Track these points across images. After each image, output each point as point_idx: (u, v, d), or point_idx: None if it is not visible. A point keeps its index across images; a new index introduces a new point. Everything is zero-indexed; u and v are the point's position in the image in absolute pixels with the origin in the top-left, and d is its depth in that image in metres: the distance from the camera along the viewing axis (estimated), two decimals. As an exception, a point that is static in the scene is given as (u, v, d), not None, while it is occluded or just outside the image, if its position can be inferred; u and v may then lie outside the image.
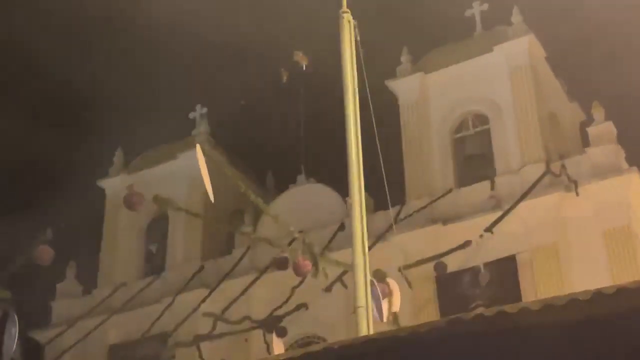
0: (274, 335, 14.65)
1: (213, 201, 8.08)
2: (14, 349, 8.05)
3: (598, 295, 5.04)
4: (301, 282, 16.37)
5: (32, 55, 29.83)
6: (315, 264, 11.31)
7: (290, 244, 12.71)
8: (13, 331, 7.82)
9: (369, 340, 5.67)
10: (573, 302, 5.06)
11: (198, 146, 7.96)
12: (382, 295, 9.20)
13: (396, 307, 9.99)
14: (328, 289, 18.35)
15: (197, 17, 27.91)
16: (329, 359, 5.78)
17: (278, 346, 14.16)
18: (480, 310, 5.41)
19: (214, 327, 20.05)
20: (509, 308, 5.24)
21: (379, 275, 9.47)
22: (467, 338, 5.32)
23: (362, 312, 8.31)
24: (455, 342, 5.38)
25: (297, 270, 11.49)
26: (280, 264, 11.96)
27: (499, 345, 5.37)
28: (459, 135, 23.16)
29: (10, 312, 7.78)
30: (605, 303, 5.04)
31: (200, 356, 20.42)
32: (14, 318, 7.83)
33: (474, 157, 22.79)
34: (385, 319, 9.39)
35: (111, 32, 30.59)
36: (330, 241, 21.06)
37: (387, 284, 9.61)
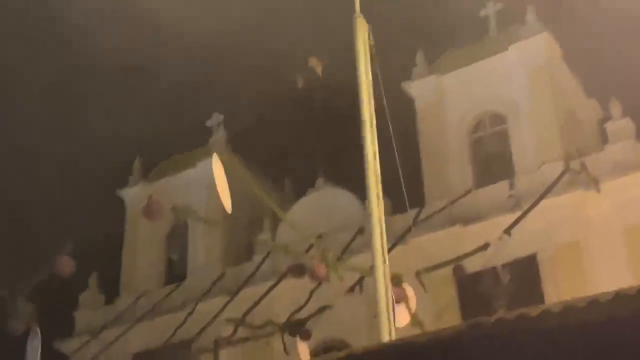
0: (297, 339, 14.51)
1: (230, 212, 8.03)
2: (37, 362, 8.13)
3: (619, 296, 5.04)
4: (318, 285, 16.36)
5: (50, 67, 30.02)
6: (329, 271, 11.24)
7: (308, 250, 12.66)
8: (36, 344, 7.90)
9: (390, 346, 5.69)
10: (594, 303, 5.06)
11: (215, 155, 7.93)
12: (398, 299, 9.14)
13: (412, 311, 9.92)
14: (350, 291, 18.31)
15: (212, 24, 27.99)
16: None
17: (303, 350, 14.04)
18: (500, 313, 5.41)
19: (234, 332, 20.03)
20: (530, 311, 5.24)
21: (395, 280, 9.40)
22: (488, 342, 5.33)
23: (383, 316, 8.28)
24: (477, 346, 5.38)
25: (312, 277, 11.43)
26: (297, 271, 11.87)
27: (520, 348, 5.38)
28: (476, 135, 23.12)
29: (33, 326, 7.85)
30: (626, 304, 5.04)
31: None
32: (37, 332, 7.91)
33: (492, 157, 22.75)
34: (403, 324, 9.33)
35: (128, 36, 30.71)
36: (349, 245, 21.07)
37: (403, 289, 9.55)
